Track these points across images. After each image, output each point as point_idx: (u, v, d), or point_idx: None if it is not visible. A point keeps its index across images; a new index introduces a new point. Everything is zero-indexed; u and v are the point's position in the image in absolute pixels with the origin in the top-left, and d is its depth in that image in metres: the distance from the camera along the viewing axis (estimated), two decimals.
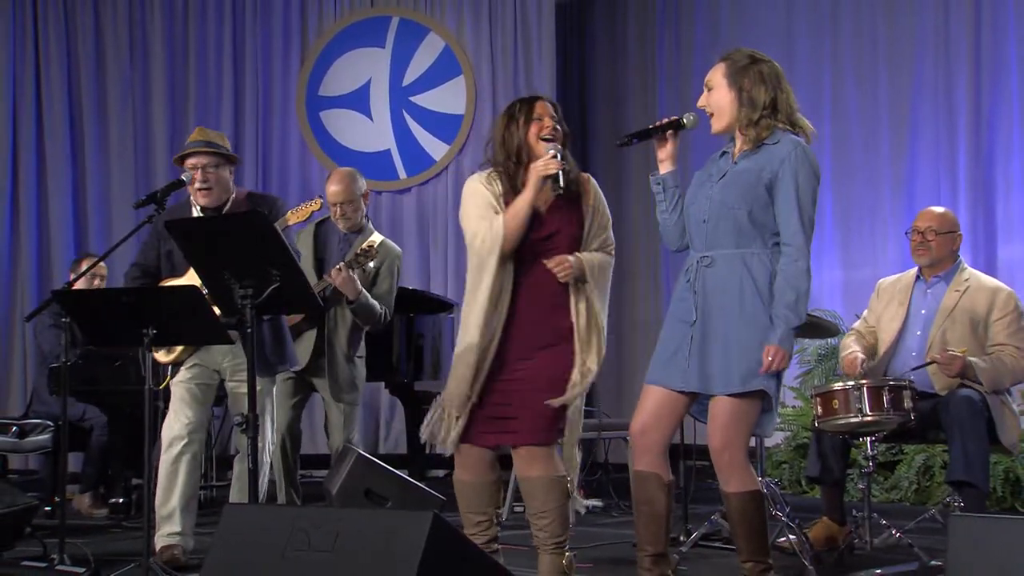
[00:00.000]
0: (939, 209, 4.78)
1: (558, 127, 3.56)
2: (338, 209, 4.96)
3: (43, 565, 3.86)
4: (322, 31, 8.29)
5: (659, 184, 3.54)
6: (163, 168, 7.84)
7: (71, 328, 4.21)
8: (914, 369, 4.44)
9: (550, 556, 3.55)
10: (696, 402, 3.46)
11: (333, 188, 4.98)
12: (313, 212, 4.49)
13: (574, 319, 3.53)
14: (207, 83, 8.22)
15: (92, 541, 4.75)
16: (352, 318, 4.88)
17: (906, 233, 4.73)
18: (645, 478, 3.41)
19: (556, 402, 3.49)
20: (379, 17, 8.26)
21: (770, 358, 3.25)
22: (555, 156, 3.48)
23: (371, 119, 8.19)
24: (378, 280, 4.96)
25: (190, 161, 4.31)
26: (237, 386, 4.28)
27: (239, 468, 4.34)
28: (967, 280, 4.58)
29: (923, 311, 4.59)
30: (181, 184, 4.19)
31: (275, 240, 3.58)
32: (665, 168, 3.53)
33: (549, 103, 3.62)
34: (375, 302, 4.90)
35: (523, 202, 3.49)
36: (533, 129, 3.53)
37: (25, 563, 3.92)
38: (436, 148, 8.12)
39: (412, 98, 8.16)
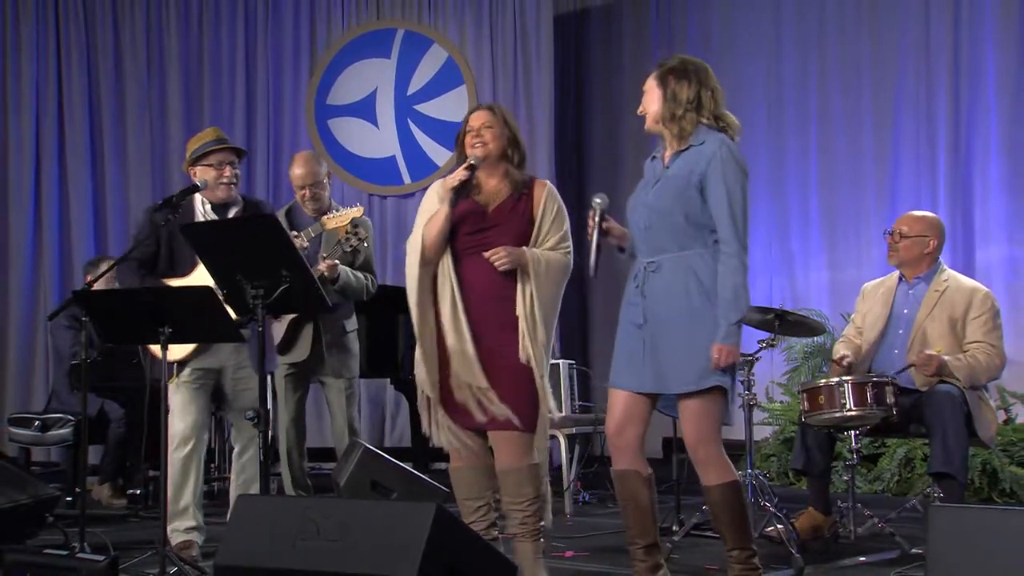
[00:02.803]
0: (917, 213, 4.87)
1: (489, 131, 3.74)
2: (307, 191, 4.91)
3: (64, 553, 3.84)
4: (330, 43, 8.40)
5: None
6: (179, 175, 7.90)
7: (89, 327, 4.35)
8: (896, 373, 4.52)
9: (531, 544, 3.64)
10: (662, 398, 3.52)
11: (298, 171, 4.95)
12: (354, 218, 4.55)
13: (520, 312, 3.64)
14: (221, 93, 8.37)
15: (111, 530, 4.87)
16: (337, 295, 4.80)
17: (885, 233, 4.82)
18: (625, 476, 3.48)
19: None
20: (385, 29, 8.37)
21: (716, 356, 3.31)
22: (465, 169, 3.71)
23: (377, 127, 8.31)
24: (356, 254, 4.88)
25: (218, 157, 4.36)
26: (238, 383, 4.36)
27: (238, 464, 4.42)
28: (946, 281, 4.68)
29: (905, 311, 4.69)
30: (196, 189, 4.26)
31: (285, 242, 3.69)
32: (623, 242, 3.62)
33: (486, 110, 3.81)
34: (359, 274, 4.85)
35: (439, 215, 3.70)
36: (468, 140, 3.78)
37: (47, 551, 3.88)
38: (439, 154, 8.19)
39: (416, 107, 8.26)
